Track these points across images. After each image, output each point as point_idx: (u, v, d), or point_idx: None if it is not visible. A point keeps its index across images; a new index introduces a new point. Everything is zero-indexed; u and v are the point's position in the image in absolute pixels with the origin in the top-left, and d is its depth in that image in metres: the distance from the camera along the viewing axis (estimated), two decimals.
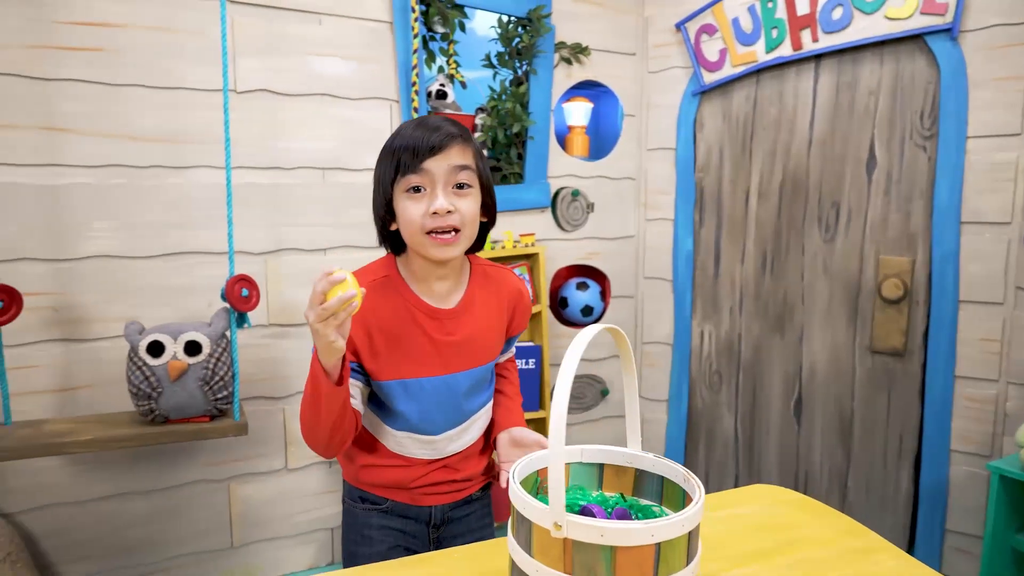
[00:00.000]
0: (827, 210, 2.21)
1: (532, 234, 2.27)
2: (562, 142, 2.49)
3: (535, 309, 2.27)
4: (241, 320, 1.73)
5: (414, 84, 2.07)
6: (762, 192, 2.33)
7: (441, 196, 1.01)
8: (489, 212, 1.12)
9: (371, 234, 2.00)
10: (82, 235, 1.77)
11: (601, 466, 0.92)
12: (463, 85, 2.28)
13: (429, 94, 2.23)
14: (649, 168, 2.53)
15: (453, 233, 1.03)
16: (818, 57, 2.18)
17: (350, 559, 1.19)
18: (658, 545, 0.70)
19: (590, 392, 2.54)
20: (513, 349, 1.32)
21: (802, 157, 2.24)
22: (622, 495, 0.90)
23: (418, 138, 1.01)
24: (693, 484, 0.80)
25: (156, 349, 1.60)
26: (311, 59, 1.99)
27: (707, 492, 0.88)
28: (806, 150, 2.24)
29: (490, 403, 1.23)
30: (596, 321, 2.53)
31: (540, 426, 2.34)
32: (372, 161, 2.05)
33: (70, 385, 1.79)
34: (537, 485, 0.89)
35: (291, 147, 1.99)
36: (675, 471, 0.85)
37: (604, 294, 2.54)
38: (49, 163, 1.72)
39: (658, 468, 0.87)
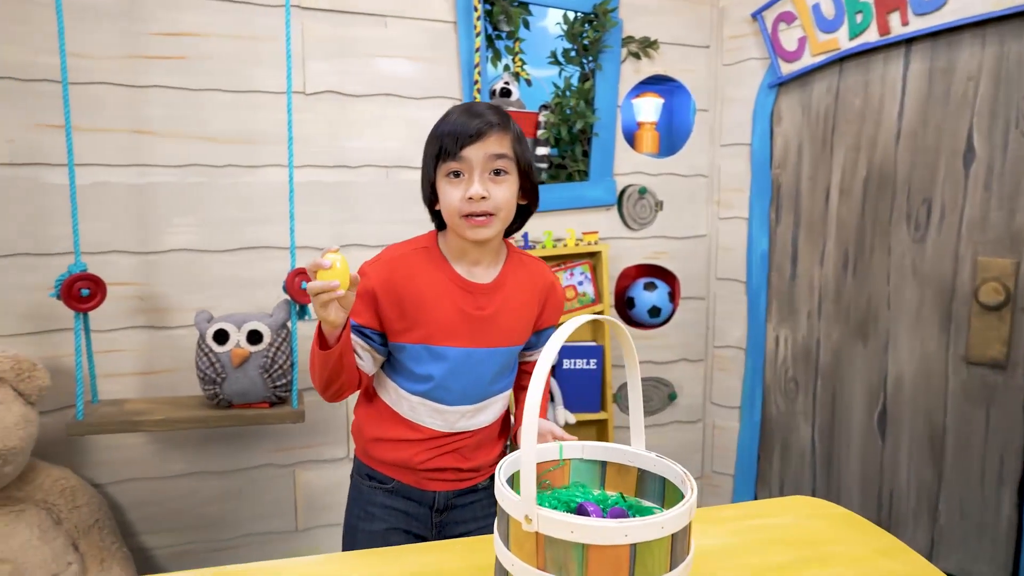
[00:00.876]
0: (917, 207, 2.03)
1: (595, 232, 2.24)
2: (631, 139, 2.44)
3: (597, 308, 2.23)
4: (302, 312, 1.80)
5: (476, 83, 2.08)
6: (844, 188, 2.18)
7: (477, 183, 1.07)
8: (529, 195, 1.16)
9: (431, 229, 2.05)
10: (164, 230, 1.90)
11: (603, 464, 0.88)
12: (528, 83, 2.28)
13: (493, 92, 2.24)
14: (722, 164, 2.43)
15: (487, 216, 1.08)
16: (908, 42, 2.02)
17: (350, 532, 1.25)
18: (633, 547, 0.67)
19: (657, 396, 2.47)
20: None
21: (889, 150, 2.08)
22: (622, 495, 0.86)
23: (459, 125, 1.07)
24: (688, 486, 0.76)
25: (221, 337, 1.70)
26: (377, 61, 2.05)
27: None
28: (894, 143, 2.07)
29: (508, 392, 1.24)
30: (664, 323, 2.45)
31: (602, 428, 2.30)
32: None
33: (152, 369, 1.93)
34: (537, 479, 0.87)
35: (357, 146, 2.05)
36: (674, 472, 0.81)
37: (673, 295, 2.46)
38: (137, 163, 1.87)
39: (659, 468, 0.83)
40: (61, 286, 1.61)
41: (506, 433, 1.33)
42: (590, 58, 2.25)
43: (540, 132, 2.24)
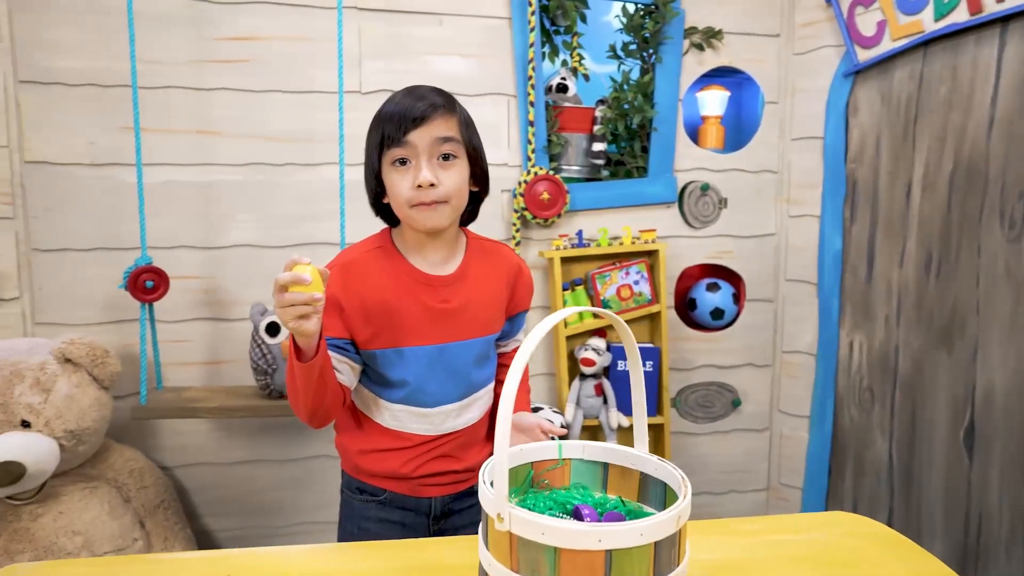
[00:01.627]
0: (1012, 203, 1.85)
1: (653, 230, 2.16)
2: (695, 133, 2.34)
3: (654, 309, 2.16)
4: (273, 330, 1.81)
5: (530, 78, 2.06)
6: (927, 183, 2.01)
7: (425, 168, 1.01)
8: (480, 182, 1.11)
9: (485, 226, 2.05)
10: (228, 226, 1.99)
11: (605, 466, 0.84)
12: (586, 78, 2.24)
13: (549, 88, 2.21)
14: (793, 159, 2.29)
15: (437, 204, 1.02)
16: (1004, 20, 1.83)
17: None
18: (609, 553, 0.63)
19: (719, 401, 2.36)
20: (519, 336, 1.26)
21: (980, 141, 1.90)
22: (621, 499, 0.82)
23: (402, 109, 1.01)
24: (683, 492, 0.71)
25: (273, 329, 1.76)
26: (432, 59, 2.06)
27: None
28: (985, 133, 1.89)
29: (491, 385, 1.19)
30: (727, 326, 2.34)
31: (659, 433, 2.22)
32: (489, 157, 2.06)
33: (215, 359, 2.01)
34: (530, 478, 0.84)
35: None
36: (674, 477, 0.75)
37: (738, 297, 2.34)
38: (203, 163, 1.96)
39: (660, 473, 0.78)
40: (128, 278, 1.71)
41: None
42: (650, 51, 2.18)
43: (596, 128, 2.19)
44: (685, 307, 2.38)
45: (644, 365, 2.16)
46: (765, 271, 2.34)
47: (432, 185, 1.01)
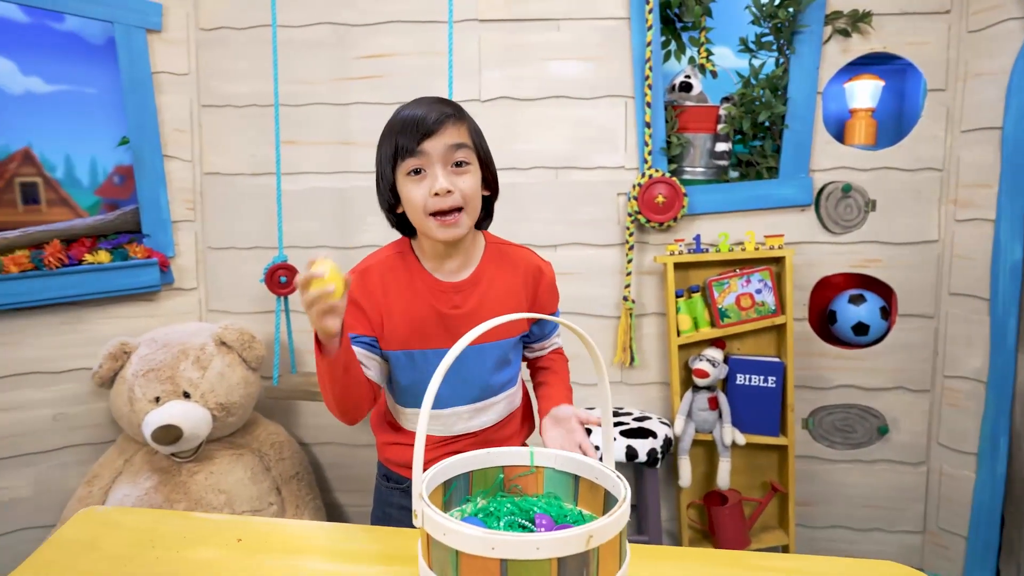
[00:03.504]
0: None
1: (780, 235, 1.99)
2: (841, 129, 2.12)
3: (778, 320, 1.99)
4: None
5: (647, 78, 2.00)
6: None
7: (441, 176, 1.03)
8: (491, 186, 1.13)
9: (601, 231, 2.07)
10: (359, 228, 2.18)
11: (577, 478, 0.82)
12: (713, 75, 2.12)
13: (672, 87, 2.13)
14: (962, 155, 1.98)
15: (456, 213, 1.04)
16: None
17: None
18: (504, 562, 0.62)
19: (862, 427, 2.11)
20: (556, 339, 1.24)
21: None
22: (581, 513, 0.79)
23: (414, 120, 1.03)
24: (617, 510, 0.68)
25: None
26: (549, 64, 2.09)
27: None
28: None
29: (512, 389, 1.18)
30: (874, 343, 2.09)
31: (783, 455, 2.05)
32: (604, 160, 2.10)
33: None
34: (500, 482, 0.84)
35: (527, 148, 2.12)
36: (621, 493, 0.72)
37: (888, 311, 2.08)
38: (340, 171, 2.17)
39: (617, 490, 0.75)
40: (266, 273, 1.95)
41: (526, 431, 1.28)
42: (782, 42, 2.01)
43: (720, 127, 2.07)
44: (824, 320, 2.16)
45: (766, 380, 2.00)
46: (923, 283, 2.05)
47: (449, 192, 1.03)
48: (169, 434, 1.83)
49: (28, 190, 2.25)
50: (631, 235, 2.07)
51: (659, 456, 1.86)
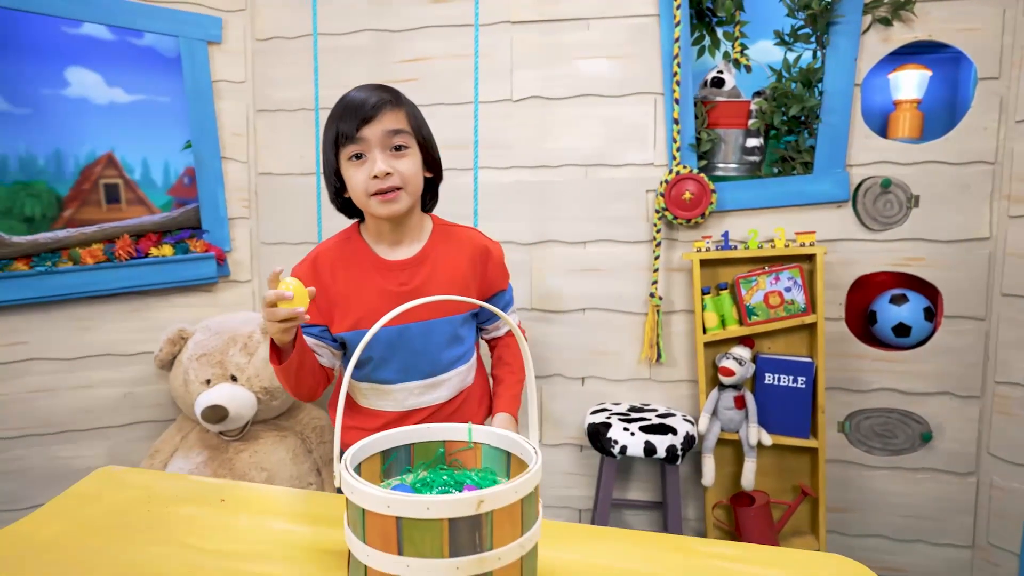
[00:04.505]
0: None
1: (812, 232, 1.94)
2: (885, 122, 2.04)
3: (808, 319, 1.93)
4: None
5: (675, 75, 2.00)
6: None
7: (380, 160, 1.09)
8: (433, 168, 1.19)
9: (630, 228, 2.09)
10: None
11: (509, 455, 0.86)
12: (747, 69, 2.09)
13: (704, 83, 2.11)
14: (1016, 147, 1.86)
15: (395, 191, 1.10)
16: None
17: None
18: (399, 520, 0.68)
19: (903, 433, 2.02)
20: (512, 318, 1.26)
21: None
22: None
23: (352, 108, 1.10)
24: (522, 478, 0.72)
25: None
26: (579, 63, 2.12)
27: None
28: None
29: (463, 367, 1.22)
30: (916, 346, 1.99)
31: (813, 458, 1.99)
32: (633, 157, 2.12)
33: None
34: (441, 455, 0.89)
35: (557, 147, 2.16)
36: (534, 463, 0.76)
37: (933, 312, 1.98)
38: None
39: (532, 463, 0.79)
40: None
41: (485, 411, 1.31)
42: (820, 33, 1.96)
43: (751, 122, 2.03)
44: (864, 320, 2.08)
45: (795, 381, 1.95)
46: (973, 283, 1.94)
47: (388, 174, 1.10)
48: (216, 413, 1.99)
49: (110, 190, 2.49)
50: (658, 232, 2.07)
51: (679, 453, 1.85)
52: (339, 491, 0.77)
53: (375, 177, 1.11)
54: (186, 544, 0.91)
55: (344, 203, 1.24)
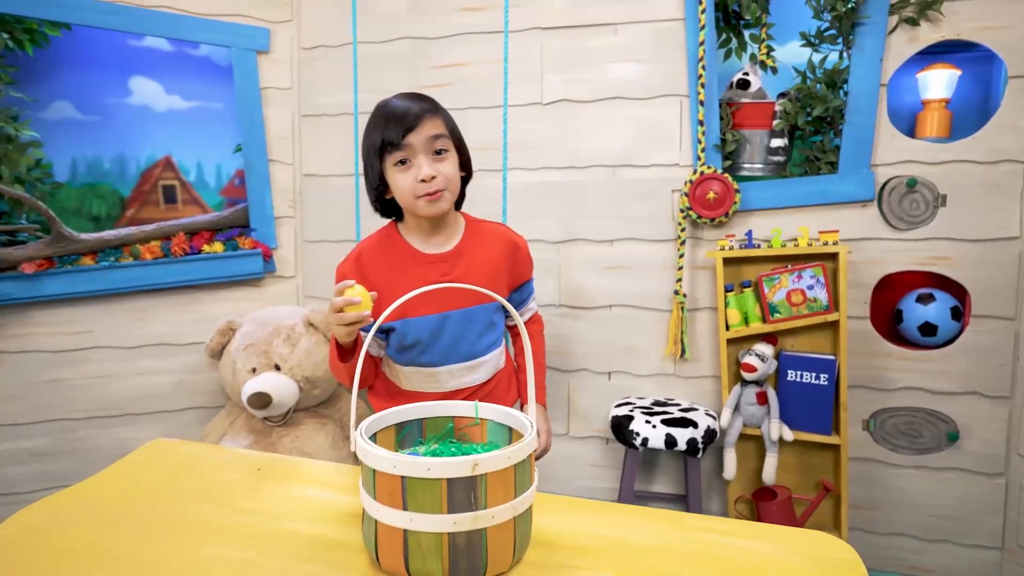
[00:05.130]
0: None
1: (835, 231, 1.96)
2: (912, 122, 2.04)
3: (831, 317, 1.95)
4: None
5: (700, 77, 2.05)
6: None
7: (425, 165, 1.19)
8: (466, 167, 1.29)
9: (656, 227, 2.16)
10: None
11: (511, 429, 0.94)
12: (773, 71, 2.12)
13: (731, 84, 2.15)
14: None
15: (438, 192, 1.21)
16: None
17: None
18: (404, 479, 0.77)
19: (929, 432, 2.02)
20: (531, 304, 1.42)
21: None
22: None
23: (397, 118, 1.19)
24: (517, 446, 0.80)
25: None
26: (606, 67, 2.18)
27: None
28: None
29: (497, 351, 1.32)
30: (943, 345, 1.99)
31: (836, 455, 2.00)
32: (659, 158, 2.19)
33: None
34: (451, 429, 0.98)
35: (585, 148, 2.22)
36: (528, 433, 0.84)
37: (961, 312, 1.97)
38: None
39: (527, 434, 0.86)
40: None
41: (514, 392, 1.42)
42: (843, 34, 1.98)
43: (775, 122, 2.06)
44: (891, 319, 2.08)
45: (818, 378, 1.97)
46: (1002, 283, 1.93)
47: (433, 177, 1.20)
48: (261, 400, 2.12)
49: (168, 191, 2.66)
50: (682, 230, 2.12)
51: (700, 446, 1.90)
52: (355, 457, 0.87)
53: (422, 180, 1.21)
54: (225, 503, 1.02)
55: (385, 205, 1.33)
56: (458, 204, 1.35)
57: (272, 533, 0.93)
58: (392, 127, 1.20)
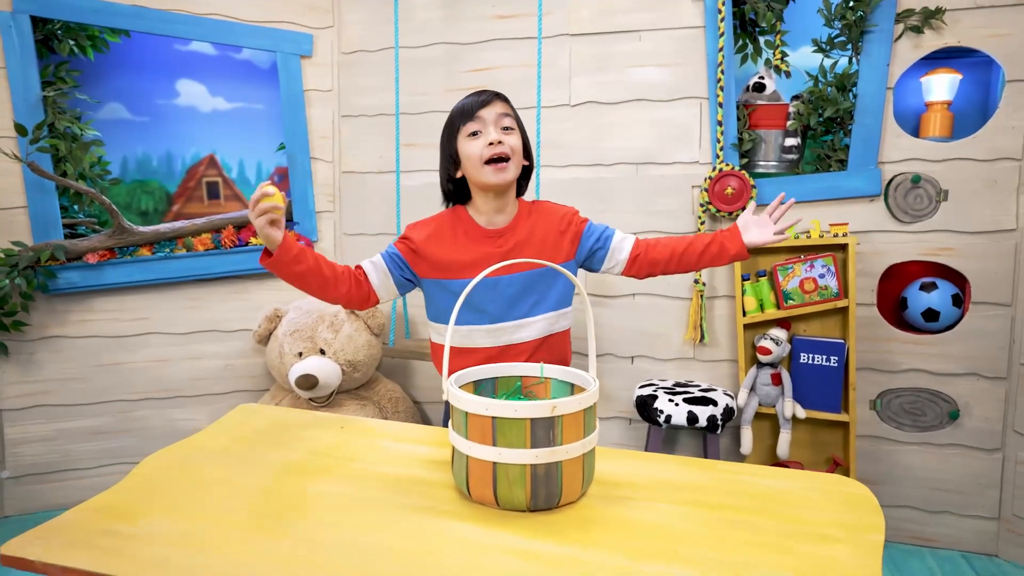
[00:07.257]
0: None
1: (844, 224, 2.11)
2: (916, 122, 2.19)
3: (840, 303, 2.11)
4: None
5: (719, 80, 2.20)
6: None
7: (493, 132, 1.39)
8: (528, 157, 1.47)
9: (677, 220, 2.32)
10: None
11: (572, 385, 1.10)
12: (787, 75, 2.27)
13: (747, 88, 2.30)
14: None
15: (505, 162, 1.38)
16: None
17: None
18: (494, 419, 0.92)
19: (932, 411, 2.17)
20: (622, 235, 1.55)
21: None
22: None
23: (470, 100, 1.42)
24: (584, 394, 0.95)
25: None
26: (631, 71, 2.34)
27: None
28: None
29: (548, 315, 1.48)
30: (945, 330, 2.14)
31: (845, 431, 2.16)
32: (681, 155, 2.35)
33: None
34: (519, 387, 1.14)
35: (611, 147, 2.38)
36: (589, 386, 0.99)
37: (961, 299, 2.13)
38: None
39: (589, 387, 1.02)
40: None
41: (556, 355, 1.56)
42: (852, 41, 2.13)
43: (789, 123, 2.22)
44: (896, 306, 2.23)
45: (828, 360, 2.13)
46: (1000, 272, 2.08)
47: (500, 143, 1.39)
48: (307, 381, 2.28)
49: (212, 188, 2.83)
50: (702, 224, 2.27)
51: (719, 423, 2.05)
52: (446, 405, 1.02)
53: (490, 144, 1.39)
54: (316, 452, 1.18)
55: (454, 186, 1.50)
56: (521, 189, 1.52)
57: (368, 474, 1.09)
58: (467, 106, 1.42)
